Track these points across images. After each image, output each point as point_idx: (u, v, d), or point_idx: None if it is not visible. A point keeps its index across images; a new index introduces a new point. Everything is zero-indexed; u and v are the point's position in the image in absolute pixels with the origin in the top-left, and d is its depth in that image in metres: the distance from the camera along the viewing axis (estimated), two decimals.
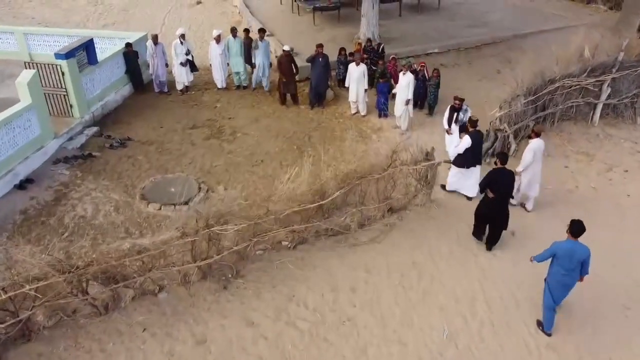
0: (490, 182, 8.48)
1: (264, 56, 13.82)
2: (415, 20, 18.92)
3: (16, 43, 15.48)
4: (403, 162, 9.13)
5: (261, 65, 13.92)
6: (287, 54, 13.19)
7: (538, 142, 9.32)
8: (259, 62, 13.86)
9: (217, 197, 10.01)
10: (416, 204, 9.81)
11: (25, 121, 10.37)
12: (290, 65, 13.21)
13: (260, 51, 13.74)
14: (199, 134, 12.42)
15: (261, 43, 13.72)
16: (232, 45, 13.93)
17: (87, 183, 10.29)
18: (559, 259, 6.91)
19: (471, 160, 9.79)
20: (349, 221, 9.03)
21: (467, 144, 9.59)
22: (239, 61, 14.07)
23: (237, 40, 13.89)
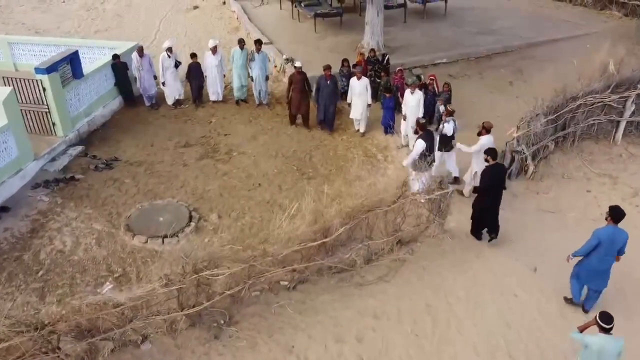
0: (491, 181, 8.50)
1: (261, 69, 12.96)
2: (421, 27, 18.05)
3: (0, 53, 14.62)
4: (414, 192, 8.27)
5: (257, 79, 13.06)
6: (299, 72, 12.11)
7: (487, 139, 9.37)
8: (255, 75, 12.98)
9: (209, 228, 9.18)
10: (428, 235, 8.94)
11: (1, 143, 9.51)
12: (303, 84, 12.12)
13: (257, 63, 12.87)
14: (191, 153, 11.55)
15: (258, 55, 12.86)
16: (238, 57, 12.99)
17: (67, 211, 9.43)
18: (601, 245, 6.97)
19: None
20: (355, 256, 8.16)
21: (421, 148, 9.38)
22: (245, 74, 13.17)
23: (244, 51, 12.99)
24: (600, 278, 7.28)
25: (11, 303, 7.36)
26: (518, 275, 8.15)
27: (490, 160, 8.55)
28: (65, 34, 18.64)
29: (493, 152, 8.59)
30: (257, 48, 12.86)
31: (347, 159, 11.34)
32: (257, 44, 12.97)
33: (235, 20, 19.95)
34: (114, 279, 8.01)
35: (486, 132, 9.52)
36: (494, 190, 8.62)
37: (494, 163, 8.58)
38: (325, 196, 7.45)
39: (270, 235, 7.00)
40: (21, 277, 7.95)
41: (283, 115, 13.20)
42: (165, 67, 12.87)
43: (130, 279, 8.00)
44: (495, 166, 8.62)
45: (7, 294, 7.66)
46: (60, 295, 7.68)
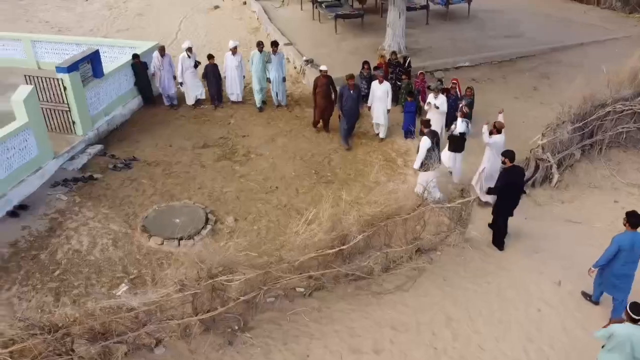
0: (507, 183, 8.39)
1: (277, 70, 12.82)
2: (443, 29, 17.77)
3: (23, 51, 14.76)
4: (435, 199, 8.06)
5: (275, 80, 12.93)
6: (325, 76, 11.82)
7: (500, 138, 9.29)
8: (272, 76, 12.85)
9: (225, 231, 9.07)
10: (448, 244, 8.71)
11: (21, 141, 9.54)
12: (328, 88, 11.84)
13: (274, 65, 12.75)
14: (209, 154, 11.47)
15: (274, 56, 12.72)
16: (257, 60, 12.78)
17: (85, 210, 9.41)
18: (621, 252, 6.92)
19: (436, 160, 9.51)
20: (372, 264, 7.97)
21: (427, 145, 9.32)
22: (264, 76, 12.97)
23: (262, 54, 12.78)
24: (622, 286, 7.13)
25: (27, 303, 7.34)
26: (542, 288, 7.87)
27: (508, 162, 8.39)
28: (88, 33, 18.78)
29: (511, 154, 8.41)
30: (273, 50, 12.73)
31: (366, 163, 11.15)
32: (273, 46, 12.84)
33: (255, 20, 19.91)
34: (129, 280, 7.95)
35: (497, 132, 9.38)
36: (512, 194, 8.46)
37: (511, 165, 8.41)
38: (344, 202, 7.26)
39: (287, 241, 6.84)
40: (38, 277, 7.92)
41: (302, 117, 13.07)
42: (184, 67, 12.81)
43: (146, 281, 7.97)
44: (512, 168, 8.45)
45: (24, 293, 7.64)
46: (76, 296, 7.65)
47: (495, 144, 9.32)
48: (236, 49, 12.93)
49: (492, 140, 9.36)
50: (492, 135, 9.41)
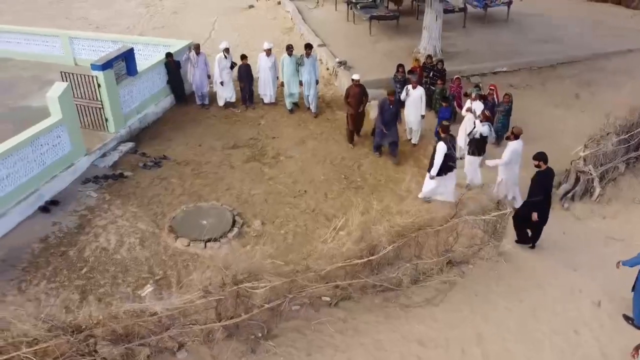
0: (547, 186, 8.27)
1: (310, 73, 12.57)
2: (481, 33, 17.28)
3: (61, 47, 15.02)
4: (470, 211, 7.74)
5: (307, 83, 12.67)
6: (357, 84, 11.38)
7: (517, 144, 9.08)
8: (305, 79, 12.61)
9: (252, 234, 8.96)
10: (481, 258, 8.37)
11: (55, 137, 9.64)
12: (361, 97, 11.40)
13: (307, 68, 12.49)
14: (239, 155, 11.40)
15: (307, 59, 12.48)
16: (288, 64, 12.57)
17: (114, 208, 9.44)
18: None
19: (447, 167, 9.36)
20: (401, 275, 7.72)
21: (443, 150, 9.17)
22: (295, 80, 12.75)
23: (293, 58, 12.56)
24: None
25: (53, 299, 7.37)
26: (580, 309, 7.48)
27: (543, 165, 8.20)
28: (124, 30, 19.02)
29: (544, 155, 8.21)
30: (307, 52, 12.49)
31: (397, 169, 10.87)
32: (307, 48, 12.60)
33: (289, 20, 19.80)
34: (154, 281, 7.91)
35: (515, 138, 9.13)
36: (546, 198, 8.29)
37: (547, 167, 8.23)
38: (374, 211, 7.03)
39: (314, 250, 6.66)
40: (65, 273, 7.96)
41: (333, 120, 12.88)
42: (221, 68, 12.73)
43: (171, 283, 7.91)
44: (546, 171, 8.27)
45: (51, 290, 7.69)
46: (102, 295, 7.65)
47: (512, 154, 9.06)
48: (270, 50, 12.80)
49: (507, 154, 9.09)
50: (509, 141, 9.17)
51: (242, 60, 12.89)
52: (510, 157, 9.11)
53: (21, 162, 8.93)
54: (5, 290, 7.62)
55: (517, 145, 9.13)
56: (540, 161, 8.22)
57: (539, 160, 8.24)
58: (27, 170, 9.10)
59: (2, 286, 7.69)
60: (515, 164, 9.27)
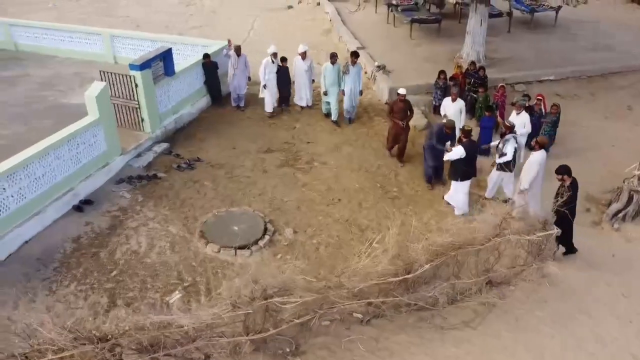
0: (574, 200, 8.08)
1: (355, 82, 12.03)
2: (527, 39, 16.63)
3: (103, 45, 15.18)
4: (514, 230, 7.30)
5: (351, 93, 12.11)
6: (403, 99, 10.72)
7: (541, 155, 8.80)
8: (348, 88, 12.03)
9: (283, 243, 8.73)
10: (523, 279, 7.91)
11: (91, 137, 9.66)
12: (405, 113, 10.74)
13: (351, 77, 11.94)
14: (272, 159, 11.20)
15: (353, 67, 11.91)
16: (330, 73, 12.05)
17: (146, 210, 9.38)
18: None
19: (464, 173, 9.24)
20: (438, 294, 7.34)
21: (459, 154, 9.07)
22: (335, 91, 12.19)
23: (336, 66, 12.06)
24: None
25: (81, 303, 7.33)
26: (630, 342, 6.95)
27: (567, 179, 7.97)
28: (164, 28, 19.14)
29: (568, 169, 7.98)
30: (352, 61, 11.95)
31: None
32: (352, 57, 12.05)
33: (328, 22, 19.55)
34: (183, 288, 7.78)
35: (539, 148, 8.87)
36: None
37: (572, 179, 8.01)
38: (412, 229, 6.69)
39: (348, 268, 6.37)
40: (95, 276, 7.92)
41: (369, 126, 12.56)
42: (268, 72, 12.40)
43: (199, 290, 7.77)
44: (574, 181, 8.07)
45: (81, 292, 7.65)
46: (130, 299, 7.56)
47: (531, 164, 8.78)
48: (305, 53, 12.55)
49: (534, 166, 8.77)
50: (533, 151, 8.90)
51: (282, 63, 12.61)
52: (536, 170, 8.78)
53: (57, 161, 8.96)
54: (38, 289, 7.62)
55: (542, 156, 8.83)
56: (564, 175, 7.94)
57: (562, 174, 7.96)
58: (63, 169, 9.13)
59: (35, 285, 7.70)
60: (540, 175, 8.95)
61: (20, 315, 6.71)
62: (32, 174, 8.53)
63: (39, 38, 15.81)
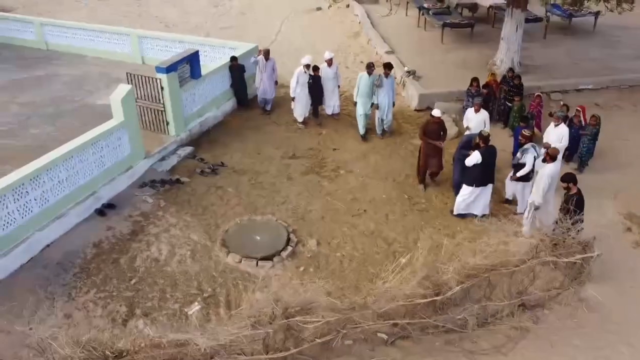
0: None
1: (388, 94, 11.41)
2: (563, 45, 16.00)
3: (131, 46, 15.18)
4: (551, 251, 6.88)
5: (384, 106, 11.49)
6: (437, 121, 9.87)
7: (555, 167, 8.44)
8: (381, 102, 11.42)
9: (306, 255, 8.46)
10: (558, 302, 7.47)
11: (115, 140, 9.55)
12: (439, 134, 9.92)
13: (385, 89, 11.33)
14: (297, 165, 10.94)
15: (386, 80, 11.30)
16: (365, 84, 11.41)
17: (168, 216, 9.22)
18: None
19: (481, 179, 9.02)
20: (467, 316, 6.97)
21: (475, 160, 8.80)
22: (366, 103, 11.57)
23: (371, 78, 11.36)
24: None
25: (99, 311, 7.19)
26: None
27: (573, 187, 7.76)
28: (192, 29, 19.13)
29: (574, 177, 7.82)
30: (385, 72, 11.32)
31: None
32: (386, 68, 11.39)
33: (357, 24, 19.22)
34: (202, 299, 7.57)
35: (551, 160, 8.46)
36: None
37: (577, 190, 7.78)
38: (444, 249, 6.34)
39: (374, 290, 6.06)
40: (115, 283, 7.78)
41: (397, 134, 12.19)
42: (300, 83, 11.92)
43: (219, 302, 7.56)
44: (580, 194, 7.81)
45: (99, 299, 7.51)
46: (149, 309, 7.40)
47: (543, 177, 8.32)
48: (332, 60, 12.16)
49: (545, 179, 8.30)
50: (545, 163, 8.49)
51: (315, 72, 12.03)
52: (547, 183, 8.35)
53: (81, 164, 8.87)
54: (57, 295, 7.52)
55: (555, 167, 8.46)
56: (569, 183, 7.73)
57: (567, 182, 7.75)
58: (86, 173, 9.04)
59: (54, 291, 7.60)
60: (552, 187, 8.56)
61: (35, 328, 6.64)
62: (55, 177, 8.46)
63: (69, 37, 15.91)
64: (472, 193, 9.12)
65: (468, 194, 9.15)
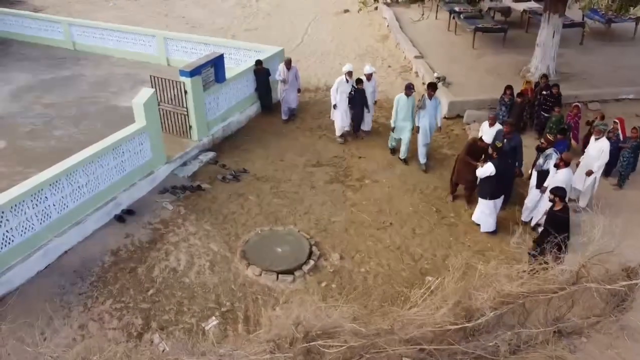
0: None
1: (432, 118, 10.43)
2: (601, 52, 15.33)
3: (156, 47, 15.08)
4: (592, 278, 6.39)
5: (426, 130, 10.47)
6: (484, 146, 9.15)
7: (568, 173, 8.19)
8: (423, 125, 10.39)
9: (328, 270, 8.12)
10: (597, 331, 6.95)
11: (137, 144, 9.37)
12: (480, 157, 9.11)
13: (428, 111, 10.35)
14: (321, 174, 10.62)
15: (429, 101, 10.34)
16: (403, 106, 10.49)
17: (188, 224, 8.99)
18: None
19: (495, 192, 8.70)
20: (499, 343, 6.53)
21: (489, 172, 8.48)
22: (407, 126, 10.67)
23: (410, 99, 10.52)
24: None
25: (115, 323, 6.98)
26: None
27: (558, 201, 7.35)
28: (218, 30, 19.00)
29: (563, 192, 7.43)
30: (429, 93, 10.29)
31: None
32: (429, 89, 10.34)
33: (385, 27, 18.84)
34: (220, 313, 7.30)
35: (565, 166, 8.21)
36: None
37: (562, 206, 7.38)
38: (478, 274, 5.92)
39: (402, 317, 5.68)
40: (131, 294, 7.56)
41: None
42: (340, 92, 11.23)
43: (237, 318, 7.28)
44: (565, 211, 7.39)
45: (115, 310, 7.31)
46: (165, 322, 7.16)
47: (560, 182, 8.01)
48: (371, 75, 11.40)
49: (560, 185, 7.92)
50: (558, 169, 8.25)
51: (358, 85, 11.30)
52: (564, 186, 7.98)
53: (101, 169, 8.71)
54: (72, 305, 7.34)
55: (568, 174, 8.22)
56: (557, 197, 7.35)
57: (555, 195, 7.36)
58: (107, 178, 8.88)
59: (71, 300, 7.43)
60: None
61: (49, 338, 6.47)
62: (75, 182, 8.30)
63: (95, 38, 15.91)
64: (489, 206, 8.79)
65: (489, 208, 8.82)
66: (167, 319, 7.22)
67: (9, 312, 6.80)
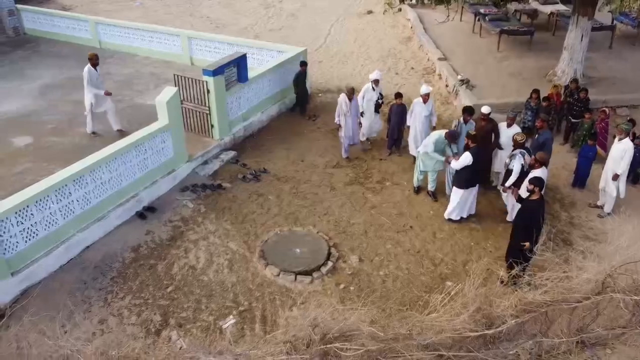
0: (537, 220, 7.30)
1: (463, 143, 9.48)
2: (631, 55, 14.98)
3: (180, 46, 15.23)
4: (618, 288, 6.21)
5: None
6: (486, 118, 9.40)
7: (542, 173, 7.95)
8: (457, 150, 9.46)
9: (347, 272, 8.07)
10: (622, 342, 6.76)
11: (159, 142, 9.45)
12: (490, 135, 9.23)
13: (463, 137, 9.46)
14: (341, 175, 10.57)
15: (465, 126, 9.72)
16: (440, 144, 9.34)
17: (207, 222, 9.04)
18: None
19: (472, 180, 8.82)
20: (520, 351, 6.40)
21: (467, 162, 8.52)
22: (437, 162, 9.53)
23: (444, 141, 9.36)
24: None
25: (134, 319, 7.04)
26: None
27: (537, 191, 7.27)
28: (242, 30, 19.10)
29: (541, 182, 7.37)
30: (465, 118, 9.74)
31: None
32: (465, 113, 9.76)
33: (408, 29, 18.71)
34: (238, 313, 7.31)
35: (540, 166, 8.07)
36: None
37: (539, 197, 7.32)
38: (499, 282, 5.81)
39: (421, 323, 5.60)
40: (151, 290, 7.62)
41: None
42: (366, 100, 11.02)
43: (254, 317, 7.27)
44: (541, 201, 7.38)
45: (135, 306, 7.37)
46: (183, 320, 7.19)
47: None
48: (428, 95, 10.29)
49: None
50: (533, 169, 8.06)
51: (397, 99, 10.73)
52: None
53: (124, 166, 8.81)
54: (93, 300, 7.43)
55: (543, 174, 7.98)
56: (535, 187, 7.26)
57: (534, 185, 7.27)
58: (129, 175, 8.97)
59: (91, 295, 7.53)
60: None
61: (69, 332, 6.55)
62: (98, 178, 8.41)
63: (121, 37, 16.14)
64: (465, 195, 8.85)
65: (461, 198, 8.85)
66: (185, 316, 7.25)
67: (31, 305, 6.91)
